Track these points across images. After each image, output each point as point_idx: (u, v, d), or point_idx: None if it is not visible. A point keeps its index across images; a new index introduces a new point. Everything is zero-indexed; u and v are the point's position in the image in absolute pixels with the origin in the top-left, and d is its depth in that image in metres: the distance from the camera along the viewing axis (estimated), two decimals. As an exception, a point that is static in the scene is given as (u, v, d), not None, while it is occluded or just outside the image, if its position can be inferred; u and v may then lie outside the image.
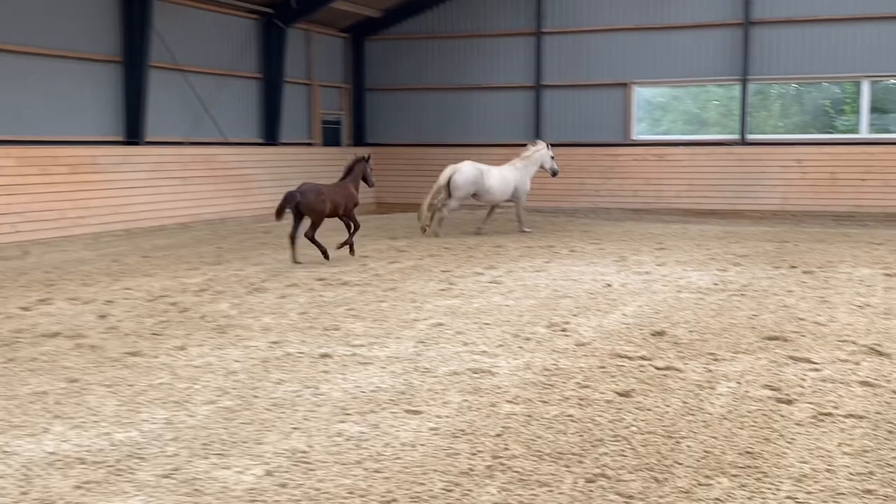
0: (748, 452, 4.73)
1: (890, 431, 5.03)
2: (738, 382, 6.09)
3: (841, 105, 20.98)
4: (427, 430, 5.14)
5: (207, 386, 6.10)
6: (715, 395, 5.79)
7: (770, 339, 7.41)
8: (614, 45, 21.88)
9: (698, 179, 21.04)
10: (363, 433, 5.10)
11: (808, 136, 20.76)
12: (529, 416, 5.38)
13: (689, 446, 4.84)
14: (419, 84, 23.78)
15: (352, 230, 13.01)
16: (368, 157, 13.90)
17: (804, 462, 4.59)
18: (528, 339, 7.48)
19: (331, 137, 23.74)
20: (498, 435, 5.04)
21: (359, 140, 24.22)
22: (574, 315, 8.52)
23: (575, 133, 22.27)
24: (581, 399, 5.72)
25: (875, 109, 20.35)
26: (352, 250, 12.91)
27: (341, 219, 13.05)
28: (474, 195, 16.23)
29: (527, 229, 16.62)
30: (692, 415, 5.39)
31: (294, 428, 5.19)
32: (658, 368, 6.47)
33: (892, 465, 4.51)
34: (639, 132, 22.17)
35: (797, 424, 5.19)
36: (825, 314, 8.47)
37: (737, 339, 7.43)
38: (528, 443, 4.91)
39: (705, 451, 4.75)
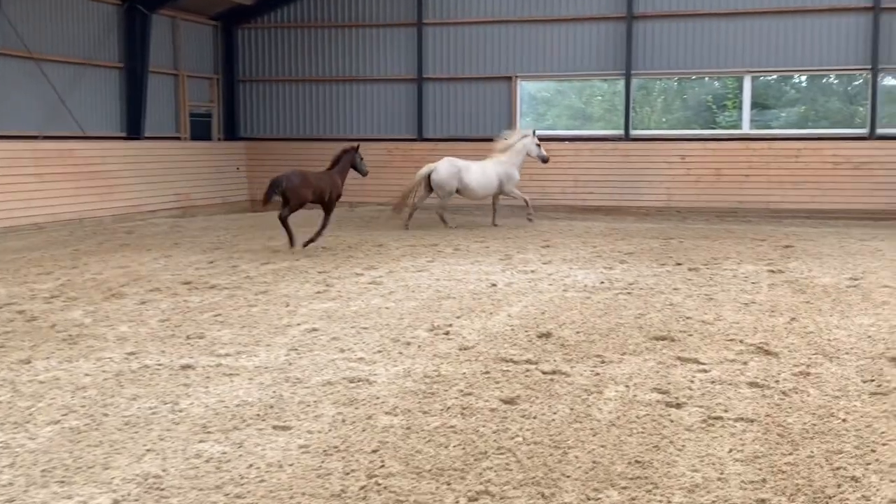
0: (637, 462, 4.62)
1: (780, 435, 5.01)
2: (627, 386, 6.01)
3: (723, 100, 21.56)
4: (296, 447, 4.85)
5: (52, 404, 5.64)
6: (603, 400, 5.69)
7: (657, 339, 7.40)
8: (498, 38, 21.91)
9: (583, 175, 21.27)
10: (225, 453, 4.77)
11: (692, 131, 21.25)
12: (408, 428, 5.15)
13: (576, 457, 4.70)
14: (295, 75, 23.27)
15: (326, 225, 13.54)
16: (357, 147, 14.26)
17: (695, 471, 4.51)
18: (408, 343, 7.25)
19: (200, 131, 22.98)
20: (374, 451, 4.79)
21: (231, 134, 23.55)
22: (457, 317, 8.34)
23: (459, 128, 22.21)
24: (464, 408, 5.53)
25: (756, 105, 20.99)
26: (308, 242, 13.21)
27: (324, 208, 13.60)
28: (458, 191, 16.80)
29: (530, 212, 17.42)
30: (580, 422, 5.27)
31: (147, 450, 4.82)
32: (544, 373, 6.35)
33: (784, 472, 4.47)
34: (524, 127, 22.24)
35: (687, 430, 5.13)
36: (711, 312, 8.55)
37: (624, 339, 7.39)
38: (407, 458, 4.68)
39: (594, 462, 4.62)
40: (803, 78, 21.26)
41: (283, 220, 12.93)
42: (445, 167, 16.70)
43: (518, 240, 14.87)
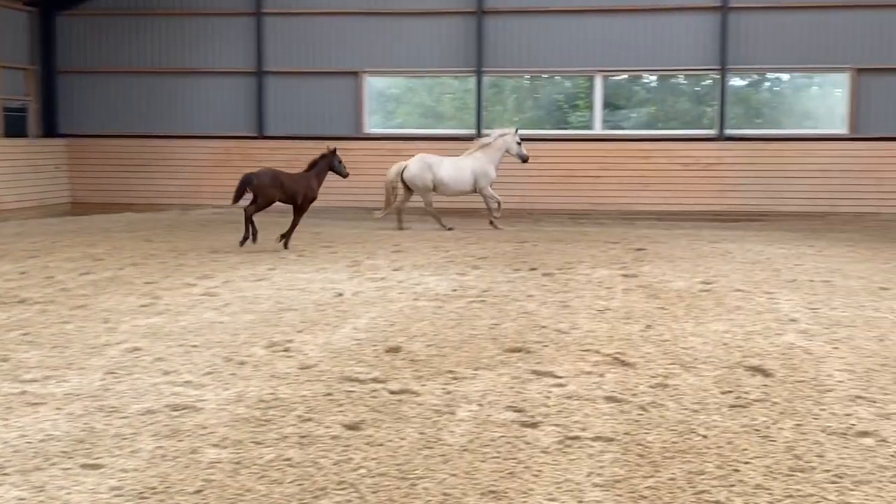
0: (491, 491, 4.41)
1: (640, 455, 4.90)
2: (480, 405, 5.81)
3: (575, 100, 21.92)
4: (107, 489, 4.40)
5: None
6: (455, 423, 5.46)
7: (512, 350, 7.26)
8: (344, 30, 21.55)
9: (435, 176, 21.15)
10: (22, 499, 4.27)
11: (544, 131, 21.48)
12: (238, 462, 4.77)
13: (426, 488, 4.44)
14: (122, 66, 22.19)
15: (295, 226, 13.99)
16: (335, 150, 14.48)
17: (552, 500, 4.33)
18: (242, 363, 6.84)
19: (15, 127, 21.59)
20: (197, 491, 4.39)
21: (50, 130, 22.24)
22: (299, 331, 7.97)
23: (302, 125, 21.69)
24: (302, 437, 5.18)
25: (608, 105, 21.44)
26: (286, 240, 13.81)
27: (295, 210, 14.01)
28: (434, 188, 17.22)
29: (496, 216, 17.35)
30: (430, 448, 5.01)
31: (-74, 500, 4.27)
32: (392, 392, 6.07)
33: (645, 497, 4.34)
34: (372, 125, 22.00)
35: (543, 452, 4.95)
36: (567, 321, 8.49)
37: (477, 352, 7.21)
38: (235, 499, 4.31)
39: (444, 494, 4.38)
40: (653, 78, 21.84)
41: (248, 217, 13.40)
42: (415, 163, 17.20)
43: (368, 244, 14.58)
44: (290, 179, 13.86)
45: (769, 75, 21.41)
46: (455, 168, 17.34)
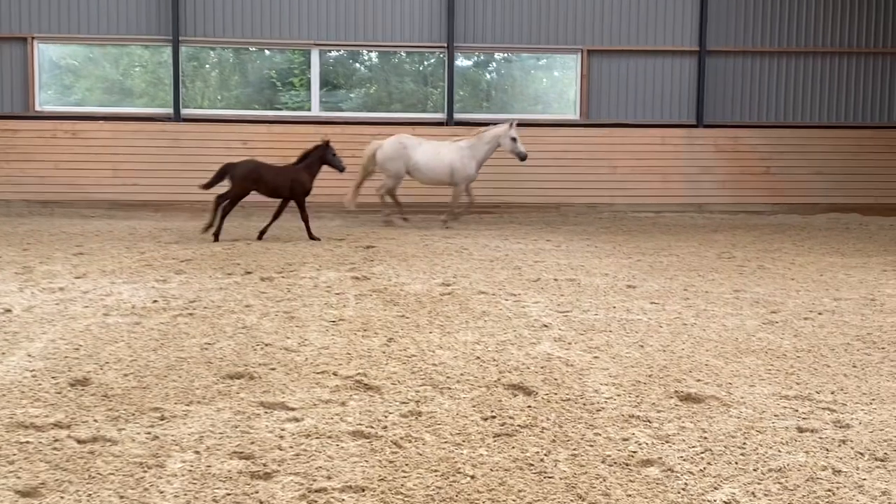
0: (222, 575, 3.76)
1: (403, 508, 4.43)
2: (197, 452, 5.11)
3: (289, 77, 21.27)
4: None
5: None
6: (166, 479, 4.73)
7: (232, 377, 6.58)
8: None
9: (124, 164, 19.80)
10: None
11: (254, 112, 20.72)
12: None
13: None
14: None
15: (307, 220, 14.72)
16: (328, 142, 14.95)
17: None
18: None
19: None
20: None
21: None
22: (-48, 363, 6.86)
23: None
24: (-42, 514, 4.28)
25: (326, 84, 20.97)
26: (310, 234, 14.63)
27: (282, 205, 14.76)
28: (409, 173, 16.98)
29: (449, 225, 16.83)
30: (135, 517, 4.28)
31: None
32: (81, 441, 5.23)
33: (418, 568, 3.87)
34: (45, 102, 20.25)
35: (284, 512, 4.36)
36: (295, 336, 7.91)
37: (189, 381, 6.46)
38: None
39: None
40: (375, 55, 21.62)
41: (216, 203, 14.15)
42: (390, 143, 17.02)
43: (41, 247, 13.23)
44: (271, 173, 14.47)
45: (497, 55, 21.79)
46: (433, 155, 17.00)
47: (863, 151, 21.25)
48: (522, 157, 17.06)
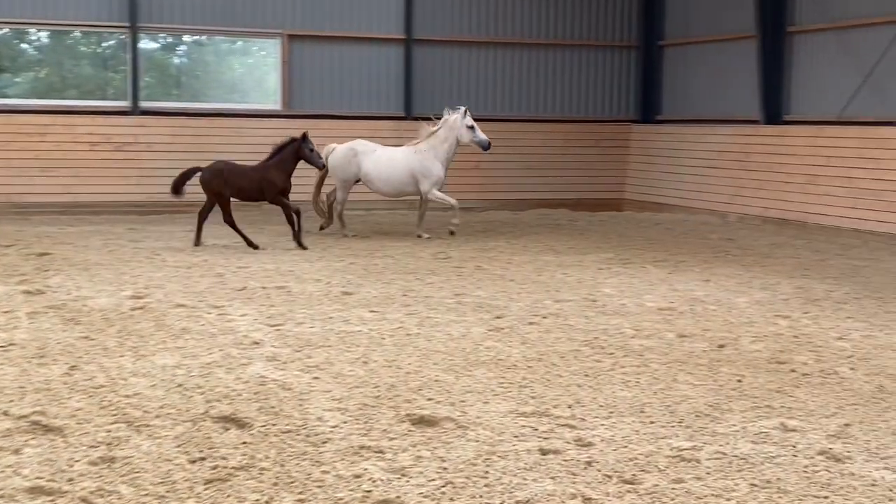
0: None
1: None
2: None
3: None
4: None
5: None
6: None
7: None
8: None
9: None
10: None
11: None
12: None
13: None
14: None
15: (292, 223, 13.95)
16: (305, 135, 14.24)
17: None
18: None
19: None
20: None
21: None
22: None
23: None
24: None
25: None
26: (298, 240, 13.97)
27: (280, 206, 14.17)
28: (362, 182, 15.84)
29: (424, 235, 15.50)
30: None
31: None
32: None
33: None
34: None
35: None
36: (-47, 367, 6.99)
37: None
38: None
39: None
40: (45, 35, 20.26)
41: (199, 216, 13.89)
42: (341, 148, 15.73)
43: None
44: (238, 174, 13.96)
45: (187, 38, 20.95)
46: (387, 163, 15.61)
47: (570, 146, 22.08)
48: (485, 147, 15.83)
